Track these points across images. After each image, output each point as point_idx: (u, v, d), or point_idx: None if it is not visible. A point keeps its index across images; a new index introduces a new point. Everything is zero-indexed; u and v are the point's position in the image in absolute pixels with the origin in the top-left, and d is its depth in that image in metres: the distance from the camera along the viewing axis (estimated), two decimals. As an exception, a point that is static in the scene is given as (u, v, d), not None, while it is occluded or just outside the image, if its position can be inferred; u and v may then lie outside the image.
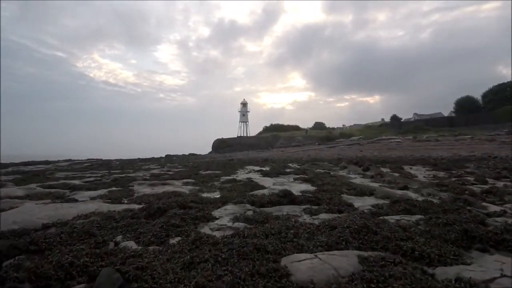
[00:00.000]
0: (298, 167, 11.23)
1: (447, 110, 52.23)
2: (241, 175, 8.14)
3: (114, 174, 9.34)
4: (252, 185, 5.91)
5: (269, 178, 7.20)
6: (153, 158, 36.04)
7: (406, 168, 9.05)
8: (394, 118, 51.40)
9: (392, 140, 31.60)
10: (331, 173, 8.14)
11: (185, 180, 7.02)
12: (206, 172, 9.39)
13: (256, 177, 7.45)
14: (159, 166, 14.35)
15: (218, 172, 9.42)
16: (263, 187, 5.58)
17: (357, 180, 6.64)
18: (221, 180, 6.98)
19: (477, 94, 41.68)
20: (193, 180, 7.09)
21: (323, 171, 8.79)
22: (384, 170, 8.53)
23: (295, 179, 6.79)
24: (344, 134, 41.65)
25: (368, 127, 47.15)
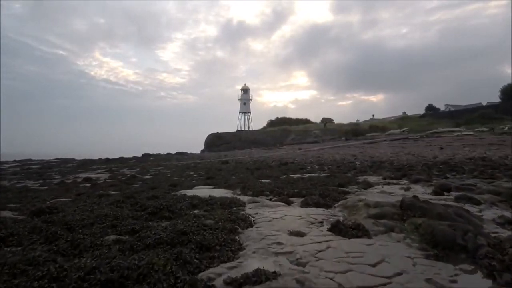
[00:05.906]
0: None
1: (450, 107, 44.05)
2: None
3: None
4: None
5: None
6: (121, 158, 26.96)
7: None
8: (430, 108, 42.02)
9: (458, 133, 22.26)
10: None
11: None
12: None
13: None
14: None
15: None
16: None
17: None
18: None
19: (481, 93, 35.60)
20: None
21: None
22: None
23: None
24: (375, 127, 32.18)
25: (402, 119, 37.70)
